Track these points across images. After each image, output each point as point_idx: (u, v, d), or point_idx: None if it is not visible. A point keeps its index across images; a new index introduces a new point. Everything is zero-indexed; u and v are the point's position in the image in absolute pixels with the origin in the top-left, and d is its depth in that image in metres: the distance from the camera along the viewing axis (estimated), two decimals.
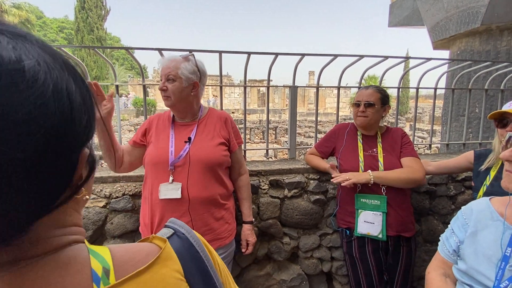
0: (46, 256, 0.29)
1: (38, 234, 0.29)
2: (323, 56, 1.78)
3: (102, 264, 0.31)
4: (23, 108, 0.23)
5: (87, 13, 17.01)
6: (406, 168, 1.40)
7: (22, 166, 0.23)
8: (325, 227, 1.73)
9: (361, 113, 1.45)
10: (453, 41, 3.93)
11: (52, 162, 0.26)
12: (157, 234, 0.39)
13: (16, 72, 0.23)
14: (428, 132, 13.55)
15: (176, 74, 1.15)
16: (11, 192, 0.23)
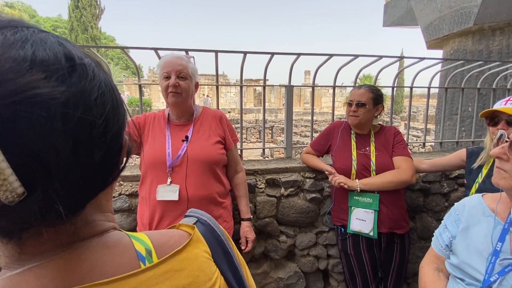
0: (94, 238, 0.33)
1: (87, 217, 0.33)
2: (319, 56, 1.79)
3: (144, 246, 0.35)
4: (94, 93, 0.28)
5: (81, 12, 16.83)
6: (392, 172, 1.42)
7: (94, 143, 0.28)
8: (321, 225, 1.75)
9: (352, 113, 1.47)
10: (446, 40, 3.98)
11: (110, 143, 0.30)
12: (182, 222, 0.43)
13: (84, 66, 0.28)
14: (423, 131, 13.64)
15: (187, 73, 1.17)
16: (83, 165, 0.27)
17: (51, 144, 0.24)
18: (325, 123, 19.21)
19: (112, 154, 0.31)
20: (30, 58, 0.24)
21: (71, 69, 0.27)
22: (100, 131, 0.28)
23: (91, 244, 0.32)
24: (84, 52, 0.31)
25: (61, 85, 0.25)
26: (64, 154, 0.25)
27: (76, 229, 0.31)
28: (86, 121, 0.27)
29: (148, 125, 1.24)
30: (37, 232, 0.28)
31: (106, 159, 0.30)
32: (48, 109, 0.24)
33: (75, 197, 0.28)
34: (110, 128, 0.30)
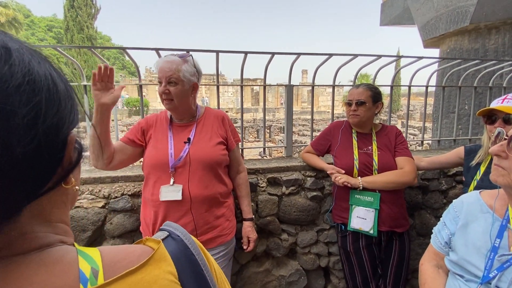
0: (31, 254, 0.29)
1: (24, 226, 0.29)
2: (318, 56, 1.81)
3: (91, 265, 0.30)
4: (14, 80, 0.25)
5: (77, 12, 16.67)
6: (395, 172, 1.44)
7: (14, 134, 0.24)
8: (322, 223, 1.77)
9: (353, 112, 1.49)
10: (443, 39, 4.02)
11: (43, 137, 0.26)
12: (152, 236, 0.39)
13: (6, 50, 0.26)
14: (419, 129, 13.78)
15: (178, 77, 1.14)
16: (1, 161, 0.24)
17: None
18: (323, 122, 19.23)
19: (49, 150, 0.27)
20: None
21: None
22: (24, 122, 0.25)
23: (24, 260, 0.28)
24: (20, 41, 0.28)
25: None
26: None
27: (9, 241, 0.28)
28: (8, 108, 0.24)
29: (151, 127, 1.25)
30: None
31: (39, 156, 0.26)
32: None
33: (2, 199, 0.25)
34: (43, 121, 0.26)
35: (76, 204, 1.45)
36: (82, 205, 1.46)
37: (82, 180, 1.50)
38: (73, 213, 1.43)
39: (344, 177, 1.44)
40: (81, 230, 1.44)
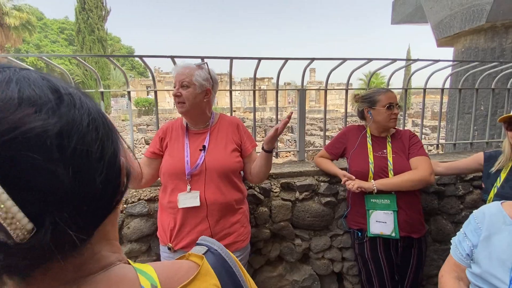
0: (99, 273, 0.32)
1: (94, 247, 0.32)
2: (332, 60, 1.80)
3: (150, 281, 0.33)
4: (84, 121, 0.28)
5: (88, 14, 17.01)
6: (409, 172, 1.42)
7: (93, 168, 0.28)
8: (336, 228, 1.76)
9: (396, 116, 1.47)
10: (457, 38, 3.92)
11: (108, 167, 0.30)
12: (191, 251, 0.42)
13: (70, 96, 0.29)
14: (430, 128, 13.51)
15: (190, 81, 1.17)
16: (86, 192, 0.27)
17: (52, 176, 0.25)
18: (331, 121, 19.05)
19: (112, 177, 0.31)
20: (17, 96, 0.25)
21: (58, 101, 0.27)
22: (97, 156, 0.28)
23: (95, 280, 0.31)
24: (69, 83, 0.31)
25: (51, 117, 0.26)
26: (66, 183, 0.26)
27: (83, 262, 0.31)
28: (82, 148, 0.27)
29: (168, 136, 1.27)
30: (44, 269, 0.28)
31: (107, 183, 0.30)
32: (44, 142, 0.24)
33: (83, 224, 0.28)
34: (106, 152, 0.30)
35: None
36: None
37: None
38: None
39: (356, 182, 1.42)
40: None
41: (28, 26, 20.90)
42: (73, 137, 0.27)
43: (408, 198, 1.43)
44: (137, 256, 1.56)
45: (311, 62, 1.77)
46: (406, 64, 1.88)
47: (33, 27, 21.86)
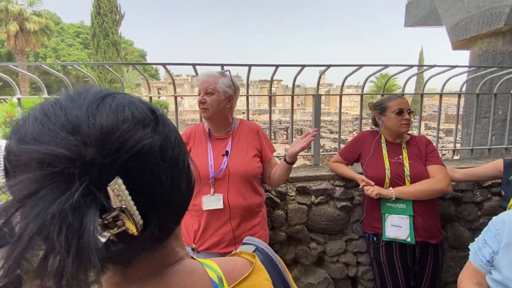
0: (175, 265, 0.36)
1: (171, 243, 0.37)
2: (348, 67, 1.82)
3: (216, 274, 0.38)
4: (172, 136, 0.34)
5: (103, 19, 17.50)
6: (428, 180, 1.43)
7: (181, 174, 0.34)
8: (351, 232, 1.78)
9: (407, 121, 1.48)
10: (474, 41, 3.85)
11: (187, 172, 0.36)
12: (241, 249, 0.46)
13: (162, 116, 0.35)
14: (444, 131, 13.20)
15: (215, 88, 1.23)
16: (177, 193, 0.34)
17: (159, 182, 0.31)
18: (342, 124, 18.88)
19: (190, 181, 0.37)
20: (131, 118, 0.30)
21: (156, 120, 0.33)
22: (182, 164, 0.34)
23: (174, 270, 0.36)
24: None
25: (154, 134, 0.31)
26: (167, 186, 0.31)
27: (165, 254, 0.36)
28: (175, 158, 0.33)
29: (191, 141, 1.32)
30: (138, 260, 0.33)
31: (187, 186, 0.36)
32: (154, 154, 0.30)
33: (173, 220, 0.34)
34: (185, 161, 0.36)
35: None
36: None
37: None
38: None
39: (376, 189, 1.44)
40: None
41: (47, 31, 21.73)
42: (168, 150, 0.32)
43: (424, 203, 1.44)
44: None
45: (327, 68, 1.80)
46: (422, 70, 1.88)
47: (51, 32, 22.70)
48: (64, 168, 0.25)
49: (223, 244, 1.21)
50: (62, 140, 0.26)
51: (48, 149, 0.25)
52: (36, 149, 0.25)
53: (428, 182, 1.42)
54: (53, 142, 0.26)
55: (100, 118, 0.29)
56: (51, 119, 0.28)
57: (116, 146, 0.27)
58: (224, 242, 1.21)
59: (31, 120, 0.29)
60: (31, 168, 0.25)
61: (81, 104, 0.30)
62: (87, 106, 0.30)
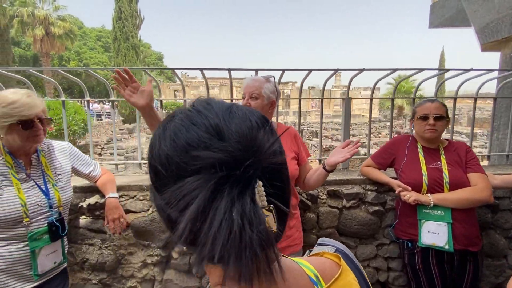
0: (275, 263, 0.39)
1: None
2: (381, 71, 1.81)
3: (312, 272, 0.39)
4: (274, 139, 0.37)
5: (124, 23, 18.12)
6: (469, 189, 1.40)
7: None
8: (382, 237, 1.76)
9: (431, 127, 1.47)
10: (506, 43, 3.71)
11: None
12: (323, 250, 0.48)
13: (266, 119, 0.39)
14: (467, 136, 12.70)
15: (260, 93, 1.27)
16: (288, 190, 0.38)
17: (286, 179, 0.35)
18: (357, 126, 18.59)
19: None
20: (256, 124, 0.35)
21: (270, 125, 0.37)
22: (282, 157, 0.38)
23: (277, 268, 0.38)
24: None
25: (271, 136, 0.35)
26: (287, 184, 0.36)
27: (272, 252, 0.38)
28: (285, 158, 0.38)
29: None
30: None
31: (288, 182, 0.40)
32: (281, 155, 0.35)
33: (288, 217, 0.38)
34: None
35: None
36: None
37: None
38: (155, 216, 1.60)
39: (413, 195, 1.43)
40: (162, 231, 1.61)
41: (71, 35, 22.73)
42: (283, 151, 0.38)
43: (463, 210, 1.41)
44: (192, 253, 1.67)
45: (359, 72, 1.80)
46: (457, 74, 1.85)
47: (74, 36, 23.73)
48: (229, 171, 0.29)
49: None
50: (221, 148, 0.30)
51: (215, 155, 0.29)
52: (209, 155, 0.29)
53: (470, 191, 1.39)
54: (215, 148, 0.30)
55: (236, 126, 0.33)
56: (200, 128, 0.32)
57: (258, 150, 0.31)
58: None
59: (182, 128, 0.33)
60: (201, 172, 0.29)
61: (217, 114, 0.34)
62: (222, 116, 0.34)
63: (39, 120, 1.18)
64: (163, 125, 0.36)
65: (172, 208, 0.29)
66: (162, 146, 0.34)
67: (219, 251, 0.27)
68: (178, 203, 0.29)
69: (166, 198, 0.30)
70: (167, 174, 0.32)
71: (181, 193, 0.29)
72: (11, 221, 1.14)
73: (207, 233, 0.27)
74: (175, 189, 0.29)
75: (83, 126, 9.54)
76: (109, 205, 1.44)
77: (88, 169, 1.47)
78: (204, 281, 1.70)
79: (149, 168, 0.36)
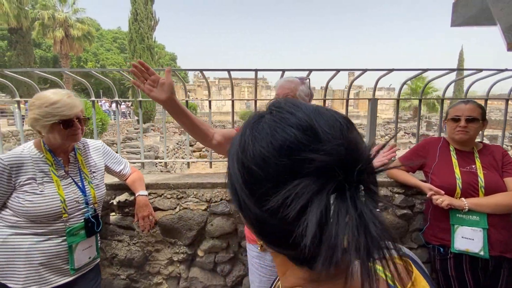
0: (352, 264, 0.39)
1: None
2: (411, 71, 1.78)
3: (387, 276, 0.37)
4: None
5: (139, 25, 18.51)
6: (506, 194, 1.35)
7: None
8: (410, 241, 1.72)
9: (462, 128, 1.43)
10: None
11: None
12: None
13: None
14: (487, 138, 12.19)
15: (294, 95, 1.26)
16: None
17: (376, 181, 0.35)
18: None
19: None
20: (345, 125, 0.34)
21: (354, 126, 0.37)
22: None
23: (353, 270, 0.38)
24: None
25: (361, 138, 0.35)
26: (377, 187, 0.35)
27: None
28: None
29: None
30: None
31: None
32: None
33: None
34: None
35: (184, 206, 1.65)
36: (189, 207, 1.65)
37: (187, 184, 1.70)
38: (182, 214, 1.63)
39: (447, 199, 1.38)
40: (188, 229, 1.63)
41: (89, 37, 23.43)
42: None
43: (499, 215, 1.36)
44: (217, 252, 1.69)
45: (388, 72, 1.77)
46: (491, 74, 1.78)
47: (92, 37, 24.44)
48: (345, 175, 0.29)
49: None
50: (328, 150, 0.31)
51: (327, 159, 0.30)
52: (324, 159, 0.30)
53: (506, 196, 1.34)
54: (321, 151, 0.30)
55: (328, 127, 0.33)
56: (298, 129, 0.33)
57: (361, 153, 0.32)
58: None
59: (278, 129, 0.33)
60: (311, 175, 0.29)
61: (308, 115, 0.34)
62: (314, 117, 0.34)
63: (77, 120, 1.22)
64: (250, 125, 0.37)
65: (285, 210, 0.29)
66: (257, 146, 0.33)
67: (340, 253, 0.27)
68: (291, 205, 0.29)
69: (275, 200, 0.30)
70: (264, 175, 0.32)
71: (296, 195, 0.29)
72: (51, 216, 1.18)
73: (332, 235, 0.27)
74: (286, 191, 0.29)
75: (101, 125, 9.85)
76: (139, 203, 1.48)
77: (119, 167, 1.51)
78: (229, 280, 1.71)
79: (238, 169, 0.35)
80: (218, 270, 1.70)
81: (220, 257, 1.68)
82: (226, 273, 1.70)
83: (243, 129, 0.38)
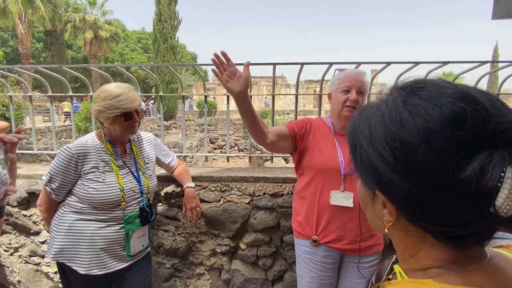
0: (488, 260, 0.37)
1: None
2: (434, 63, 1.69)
3: None
4: None
5: (163, 25, 19.05)
6: None
7: None
8: None
9: None
10: None
11: None
12: (508, 243, 0.45)
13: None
14: None
15: (365, 89, 1.23)
16: None
17: None
18: None
19: None
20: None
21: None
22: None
23: (493, 253, 0.38)
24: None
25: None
26: None
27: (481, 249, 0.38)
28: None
29: (313, 131, 1.31)
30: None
31: None
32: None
33: None
34: None
35: (228, 199, 1.68)
36: (232, 200, 1.67)
37: (230, 178, 1.72)
38: (227, 206, 1.65)
39: None
40: (232, 222, 1.65)
41: (116, 38, 24.46)
42: None
43: None
44: (260, 245, 1.69)
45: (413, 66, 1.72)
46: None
47: (118, 38, 25.49)
48: None
49: (347, 240, 1.20)
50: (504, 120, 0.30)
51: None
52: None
53: None
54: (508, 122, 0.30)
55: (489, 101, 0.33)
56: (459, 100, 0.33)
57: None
58: (348, 238, 1.20)
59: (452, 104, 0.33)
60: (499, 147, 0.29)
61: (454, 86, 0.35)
62: (472, 92, 0.33)
63: (136, 113, 1.27)
64: (401, 99, 0.36)
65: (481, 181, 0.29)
66: (417, 120, 0.33)
67: None
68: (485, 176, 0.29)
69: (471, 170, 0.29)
70: (429, 149, 0.32)
71: (492, 166, 0.29)
72: (112, 203, 1.24)
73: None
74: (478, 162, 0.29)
75: None
76: (188, 194, 1.51)
77: (168, 159, 1.55)
78: (270, 274, 1.71)
79: (388, 146, 0.35)
80: (259, 264, 1.71)
81: (262, 250, 1.69)
82: (267, 267, 1.71)
83: (387, 105, 0.37)
